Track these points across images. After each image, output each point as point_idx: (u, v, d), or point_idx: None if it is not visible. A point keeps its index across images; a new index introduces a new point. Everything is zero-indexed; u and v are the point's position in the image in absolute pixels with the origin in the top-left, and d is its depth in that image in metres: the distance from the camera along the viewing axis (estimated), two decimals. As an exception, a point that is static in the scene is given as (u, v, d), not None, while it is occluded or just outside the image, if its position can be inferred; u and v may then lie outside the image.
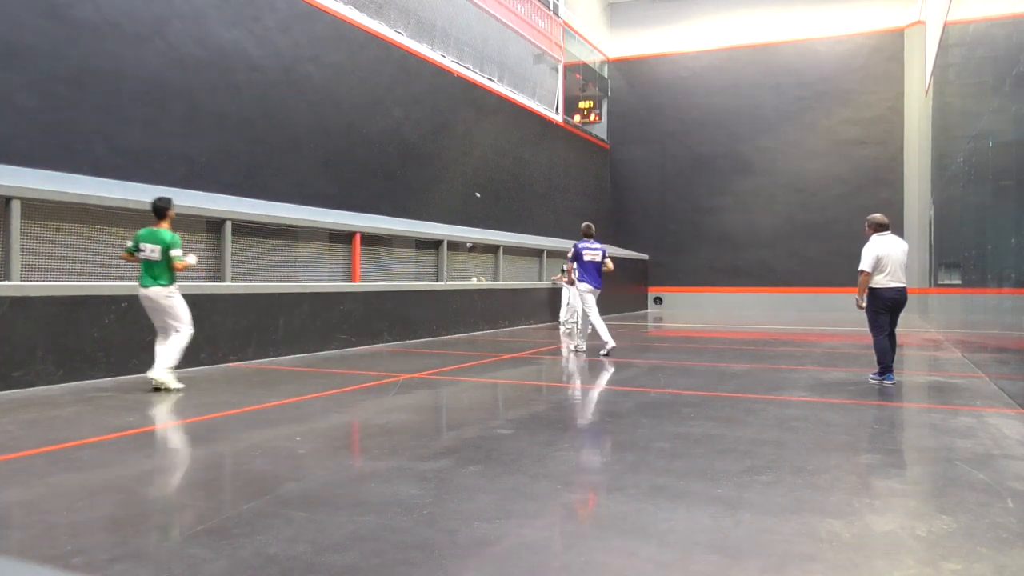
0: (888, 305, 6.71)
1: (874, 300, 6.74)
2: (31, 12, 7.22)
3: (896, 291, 6.68)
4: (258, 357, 8.60)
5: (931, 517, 3.05)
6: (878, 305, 6.72)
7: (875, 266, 6.64)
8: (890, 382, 6.76)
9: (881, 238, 6.75)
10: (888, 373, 6.80)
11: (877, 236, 6.78)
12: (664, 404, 5.79)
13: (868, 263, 6.66)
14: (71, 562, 2.54)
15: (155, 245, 6.19)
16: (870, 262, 6.65)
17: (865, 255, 6.71)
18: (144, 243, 6.21)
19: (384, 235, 11.37)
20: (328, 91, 11.26)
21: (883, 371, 6.82)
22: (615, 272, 10.74)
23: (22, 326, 6.26)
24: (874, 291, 6.71)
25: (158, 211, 6.33)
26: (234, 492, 3.51)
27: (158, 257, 6.19)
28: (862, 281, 6.72)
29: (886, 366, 6.80)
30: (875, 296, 6.72)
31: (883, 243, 6.70)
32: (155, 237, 6.21)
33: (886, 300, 6.69)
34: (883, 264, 6.63)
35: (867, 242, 6.80)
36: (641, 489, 3.41)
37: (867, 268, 6.66)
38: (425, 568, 2.48)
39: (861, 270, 6.71)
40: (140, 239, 6.24)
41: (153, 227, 6.27)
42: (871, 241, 6.78)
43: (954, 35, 11.73)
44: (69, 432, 4.64)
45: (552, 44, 19.67)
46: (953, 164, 11.47)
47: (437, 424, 5.38)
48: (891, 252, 6.65)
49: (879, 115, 20.93)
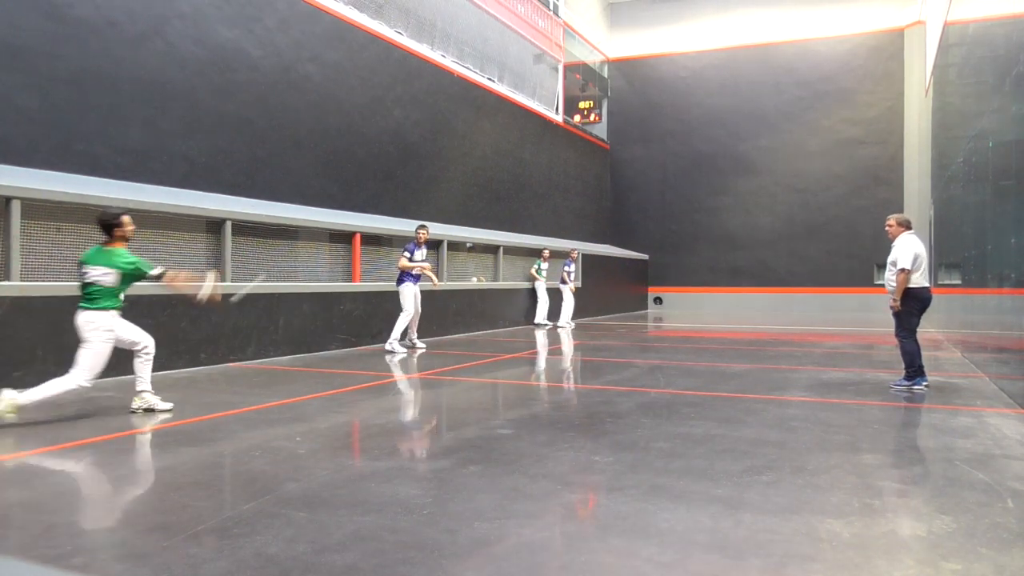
0: (924, 306, 6.43)
1: (913, 301, 6.38)
2: (31, 12, 7.21)
3: (929, 291, 6.44)
4: (258, 357, 8.61)
5: (931, 517, 3.05)
6: (915, 306, 6.39)
7: (914, 264, 6.28)
8: (925, 384, 6.46)
9: (913, 237, 6.43)
10: (920, 376, 6.48)
11: (908, 234, 6.44)
12: (664, 404, 5.79)
13: (910, 260, 6.25)
14: (71, 562, 2.54)
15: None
16: (911, 259, 6.25)
17: (904, 253, 6.29)
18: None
19: (384, 235, 11.36)
20: (328, 91, 11.26)
21: (914, 374, 6.48)
22: (615, 272, 10.72)
23: (22, 326, 6.26)
24: (912, 291, 6.34)
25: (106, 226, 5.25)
26: (234, 492, 3.51)
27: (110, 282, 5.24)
28: (902, 280, 6.28)
29: (917, 369, 6.47)
30: (913, 297, 6.36)
31: (917, 242, 6.39)
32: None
33: (923, 300, 6.40)
34: (920, 263, 6.30)
35: (897, 240, 6.47)
36: (641, 489, 3.41)
37: (908, 266, 6.25)
38: (425, 568, 2.48)
39: (903, 268, 6.26)
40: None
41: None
42: (906, 239, 6.40)
43: (954, 35, 11.73)
44: (70, 432, 4.65)
45: (552, 44, 19.67)
46: (953, 164, 11.47)
47: (437, 424, 5.38)
48: (924, 251, 6.39)
49: (879, 115, 20.93)
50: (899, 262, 6.31)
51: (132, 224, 5.35)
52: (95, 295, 5.24)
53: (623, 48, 24.03)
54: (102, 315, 5.23)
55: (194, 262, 8.14)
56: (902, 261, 6.29)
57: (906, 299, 6.37)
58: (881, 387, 6.74)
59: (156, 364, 7.44)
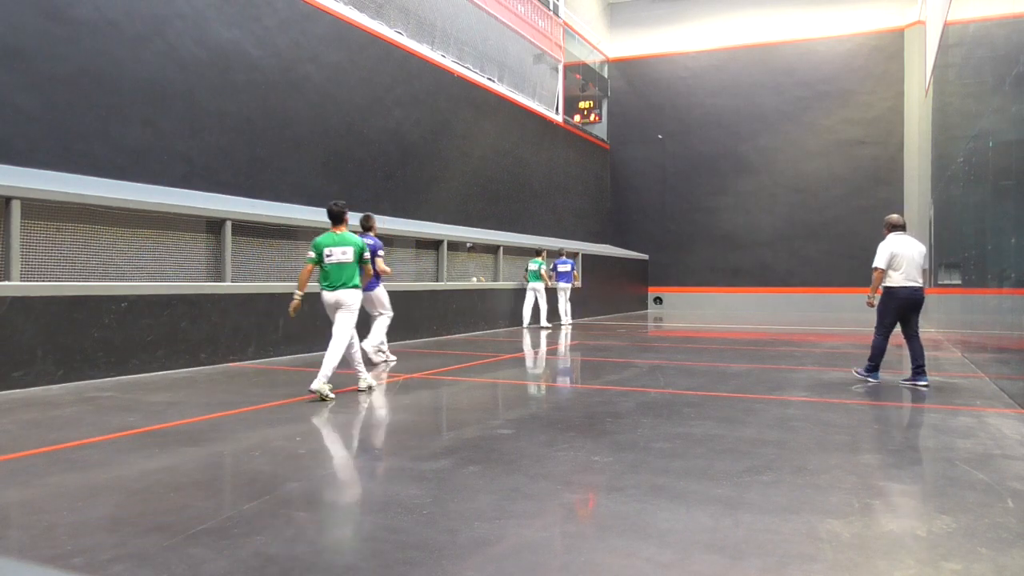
0: (902, 304, 6.77)
1: (888, 299, 6.81)
2: (31, 12, 7.21)
3: (910, 291, 6.73)
4: (258, 357, 8.61)
5: (931, 517, 3.05)
6: (891, 304, 6.80)
7: (889, 263, 6.73)
8: (875, 380, 6.98)
9: (897, 237, 6.85)
10: (875, 372, 7.03)
11: (893, 235, 6.89)
12: (664, 404, 5.79)
13: (883, 260, 6.74)
14: (71, 562, 2.54)
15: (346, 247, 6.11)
16: (884, 259, 6.74)
17: (880, 253, 6.80)
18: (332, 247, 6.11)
19: (384, 235, 11.35)
20: (328, 91, 11.26)
21: (872, 368, 7.03)
22: (615, 272, 10.70)
23: (22, 326, 6.26)
24: (889, 290, 6.80)
25: (336, 215, 6.22)
26: (234, 492, 3.51)
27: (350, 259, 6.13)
28: (876, 278, 6.80)
29: (876, 365, 7.00)
30: (889, 295, 6.80)
31: (898, 242, 6.78)
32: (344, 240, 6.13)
33: (900, 300, 6.76)
34: (897, 262, 6.71)
35: (883, 241, 6.92)
36: (641, 489, 3.41)
37: (881, 265, 6.74)
38: (425, 568, 2.48)
39: (875, 267, 6.79)
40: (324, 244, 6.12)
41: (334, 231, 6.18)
42: (887, 239, 6.88)
43: (954, 35, 11.72)
44: (69, 432, 4.65)
45: (552, 44, 19.67)
46: (953, 164, 11.47)
47: (437, 424, 5.38)
48: (906, 252, 6.73)
49: (879, 115, 20.93)
50: (875, 261, 6.83)
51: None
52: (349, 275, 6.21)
53: (623, 48, 24.03)
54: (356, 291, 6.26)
55: (194, 262, 8.14)
56: (876, 260, 6.82)
57: (883, 297, 6.85)
58: (881, 387, 6.75)
59: (156, 364, 7.48)
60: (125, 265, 7.37)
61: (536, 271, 14.40)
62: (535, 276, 14.42)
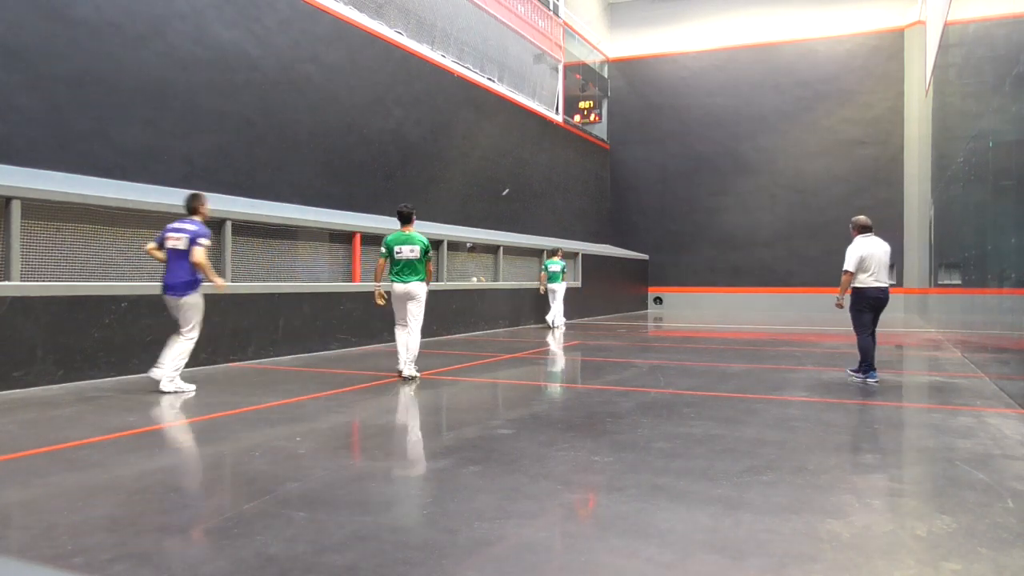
0: (871, 304, 6.97)
1: (858, 299, 7.00)
2: (31, 12, 7.21)
3: (879, 290, 6.94)
4: (258, 357, 8.61)
5: (931, 517, 3.05)
6: (862, 304, 7.01)
7: (858, 266, 6.90)
8: (873, 380, 6.96)
9: (865, 239, 7.02)
10: (872, 371, 7.03)
11: (861, 237, 7.05)
12: (664, 404, 5.79)
13: (852, 263, 6.91)
14: (71, 562, 2.54)
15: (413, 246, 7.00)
16: (854, 262, 6.90)
17: (849, 256, 6.96)
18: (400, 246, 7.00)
19: (384, 235, 11.35)
20: (328, 91, 11.26)
21: (867, 368, 7.05)
22: (615, 272, 10.70)
23: (22, 326, 6.26)
24: (858, 290, 6.97)
25: (405, 216, 7.19)
26: (234, 492, 3.51)
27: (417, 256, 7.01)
28: (844, 281, 6.99)
29: (869, 364, 7.05)
30: (859, 295, 6.98)
31: (866, 244, 6.96)
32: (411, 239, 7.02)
33: (869, 299, 6.96)
34: (866, 264, 6.90)
35: (851, 243, 7.07)
36: (641, 489, 3.41)
37: (851, 268, 6.92)
38: (425, 568, 2.48)
39: (845, 270, 6.96)
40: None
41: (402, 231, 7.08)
42: (855, 242, 7.04)
43: (954, 35, 11.72)
44: (69, 432, 4.64)
45: (552, 44, 19.67)
46: (953, 164, 11.47)
47: (437, 424, 5.38)
48: (874, 252, 6.91)
49: (879, 115, 20.93)
50: (844, 264, 6.98)
51: None
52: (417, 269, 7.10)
53: (623, 48, 24.03)
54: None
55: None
56: (845, 263, 6.97)
57: (853, 298, 7.02)
58: (881, 387, 6.75)
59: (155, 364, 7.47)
60: (125, 265, 7.37)
61: (558, 272, 14.55)
62: (556, 277, 14.64)
